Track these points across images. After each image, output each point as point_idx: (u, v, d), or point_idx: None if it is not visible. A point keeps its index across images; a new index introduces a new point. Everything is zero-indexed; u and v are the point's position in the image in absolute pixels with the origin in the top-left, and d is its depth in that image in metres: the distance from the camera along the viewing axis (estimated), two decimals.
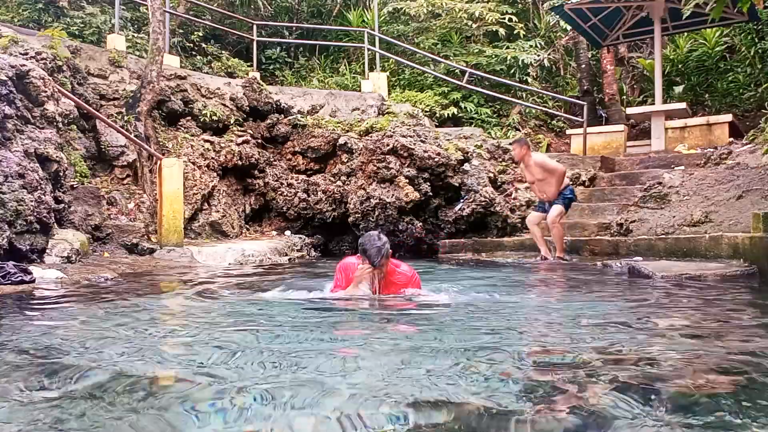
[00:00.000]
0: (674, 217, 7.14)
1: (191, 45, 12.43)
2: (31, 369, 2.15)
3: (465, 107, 12.46)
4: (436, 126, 11.00)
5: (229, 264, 6.78)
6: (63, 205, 5.88)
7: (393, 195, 8.73)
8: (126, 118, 7.87)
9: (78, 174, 7.17)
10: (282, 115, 9.78)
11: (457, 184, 9.19)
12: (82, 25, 10.52)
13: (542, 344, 2.65)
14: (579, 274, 5.86)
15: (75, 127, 7.47)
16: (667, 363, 2.19)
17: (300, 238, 8.93)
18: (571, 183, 7.44)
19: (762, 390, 1.89)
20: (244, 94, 9.56)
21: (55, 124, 5.90)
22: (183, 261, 6.56)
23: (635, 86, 14.40)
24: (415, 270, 3.94)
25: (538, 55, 13.30)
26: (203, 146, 8.72)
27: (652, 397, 1.79)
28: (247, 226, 9.39)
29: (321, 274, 6.01)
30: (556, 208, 7.13)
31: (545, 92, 12.96)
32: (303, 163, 9.71)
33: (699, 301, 3.80)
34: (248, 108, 9.54)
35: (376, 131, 9.36)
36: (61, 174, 5.76)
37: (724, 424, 1.57)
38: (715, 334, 2.78)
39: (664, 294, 4.14)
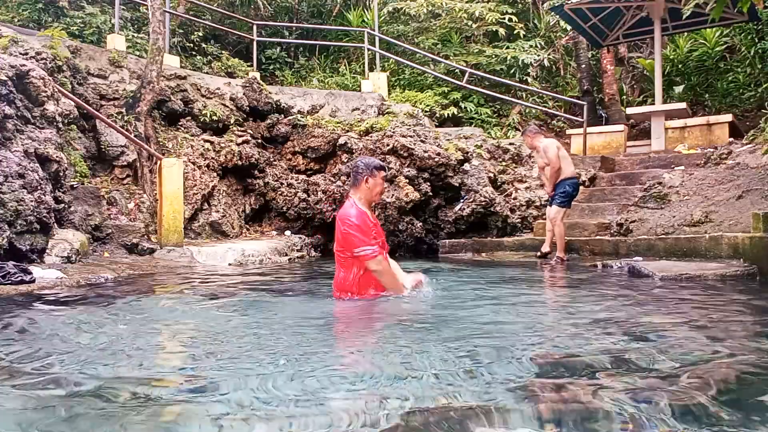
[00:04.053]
0: (674, 217, 7.14)
1: (191, 45, 12.42)
2: (30, 369, 2.14)
3: (465, 107, 12.45)
4: (436, 126, 10.99)
5: (229, 264, 6.78)
6: (63, 205, 5.88)
7: (393, 195, 8.73)
8: (126, 118, 7.87)
9: (78, 174, 7.17)
10: (282, 115, 9.78)
11: (457, 184, 9.19)
12: (82, 25, 10.52)
13: (541, 345, 2.64)
14: (579, 274, 5.85)
15: (75, 127, 7.47)
16: (666, 363, 2.19)
17: (300, 238, 8.93)
18: (575, 177, 7.43)
19: (762, 390, 1.89)
20: (244, 94, 9.55)
21: (55, 124, 5.90)
22: (183, 261, 6.57)
23: (635, 86, 14.38)
24: None
25: (538, 55, 13.29)
26: (203, 146, 8.72)
27: (652, 396, 1.79)
28: (247, 226, 9.39)
29: (322, 273, 6.02)
30: (552, 210, 7.27)
31: (545, 92, 12.94)
32: (303, 163, 9.71)
33: (699, 301, 3.80)
34: (248, 108, 9.54)
35: (376, 131, 9.36)
36: (61, 174, 5.76)
37: (724, 423, 1.57)
38: (715, 333, 2.78)
39: (664, 294, 4.13)
